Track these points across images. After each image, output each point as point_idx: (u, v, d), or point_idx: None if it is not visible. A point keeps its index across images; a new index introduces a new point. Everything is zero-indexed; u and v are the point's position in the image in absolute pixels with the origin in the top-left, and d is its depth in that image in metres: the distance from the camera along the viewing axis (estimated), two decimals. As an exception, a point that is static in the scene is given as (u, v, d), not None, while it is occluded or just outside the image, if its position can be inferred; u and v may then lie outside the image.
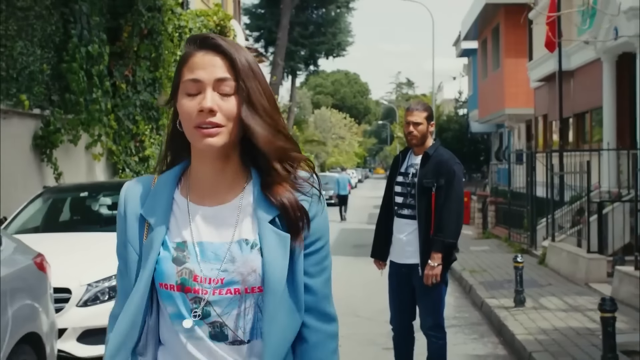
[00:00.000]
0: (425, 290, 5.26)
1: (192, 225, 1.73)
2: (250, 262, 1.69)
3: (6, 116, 9.16)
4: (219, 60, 1.67)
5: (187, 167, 1.80)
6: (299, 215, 1.73)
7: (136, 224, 1.76)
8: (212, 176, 1.74)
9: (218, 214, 1.74)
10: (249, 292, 1.69)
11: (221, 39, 1.70)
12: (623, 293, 8.73)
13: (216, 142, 1.64)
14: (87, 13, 10.70)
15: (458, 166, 5.39)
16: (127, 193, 1.80)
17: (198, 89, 1.65)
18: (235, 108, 1.65)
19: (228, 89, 1.66)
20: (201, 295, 1.67)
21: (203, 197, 1.76)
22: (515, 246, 14.99)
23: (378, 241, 5.64)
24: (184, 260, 1.70)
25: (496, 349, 7.36)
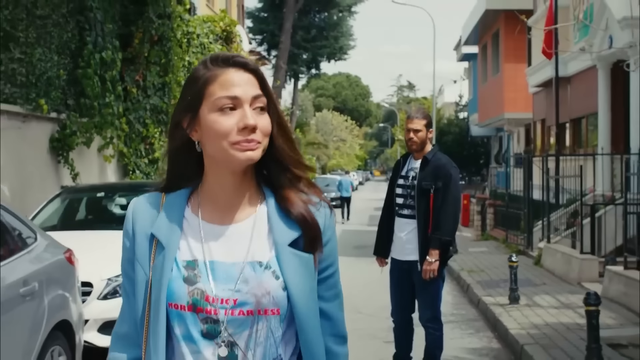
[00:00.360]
0: (424, 285, 5.70)
1: (203, 244, 1.71)
2: (265, 283, 1.67)
3: (25, 120, 9.60)
4: (252, 78, 1.68)
5: (196, 187, 1.78)
6: (317, 232, 1.73)
7: (145, 242, 1.73)
8: (228, 194, 1.73)
9: (231, 233, 1.73)
10: (262, 314, 1.67)
11: (245, 58, 1.71)
12: (613, 291, 9.17)
13: (255, 156, 1.65)
14: (101, 21, 11.16)
15: (454, 170, 5.83)
16: (135, 210, 1.78)
17: (235, 106, 1.65)
18: (269, 124, 1.68)
19: (262, 105, 1.68)
20: (213, 316, 1.65)
21: (215, 216, 1.74)
22: (512, 247, 15.41)
23: (380, 240, 6.08)
24: (195, 280, 1.67)
25: (491, 342, 7.79)
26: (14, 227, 4.88)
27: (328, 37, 42.28)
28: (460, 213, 6.11)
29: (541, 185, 14.43)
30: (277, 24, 38.90)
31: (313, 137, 53.04)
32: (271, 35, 40.64)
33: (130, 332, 1.75)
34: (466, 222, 22.17)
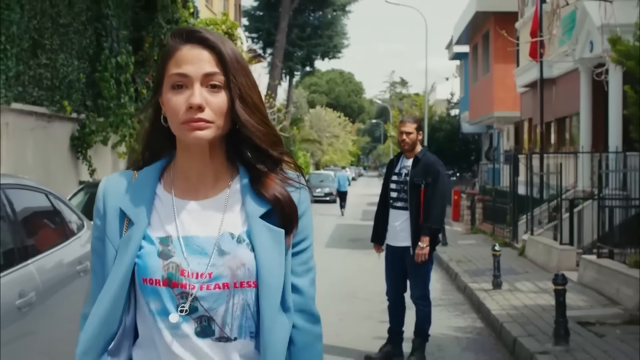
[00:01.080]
0: (415, 267, 6.58)
1: (177, 220, 1.69)
2: (240, 256, 1.65)
3: (50, 120, 10.44)
4: (207, 54, 1.63)
5: (169, 162, 1.76)
6: (292, 210, 1.72)
7: (116, 219, 1.70)
8: (198, 170, 1.71)
9: (204, 208, 1.71)
10: (238, 286, 1.65)
11: (208, 33, 1.67)
12: (587, 278, 10.08)
13: (205, 135, 1.62)
14: (116, 27, 12.00)
15: (442, 167, 6.75)
16: (107, 187, 1.75)
17: (185, 84, 1.62)
18: (224, 103, 1.63)
19: (217, 83, 1.63)
20: (188, 290, 1.63)
21: (188, 192, 1.72)
22: (499, 240, 16.30)
23: (377, 229, 6.96)
24: (170, 254, 1.65)
25: (475, 322, 8.69)
26: (68, 214, 5.72)
27: (322, 35, 43.22)
28: (446, 205, 7.02)
29: (527, 181, 15.33)
30: (273, 23, 39.75)
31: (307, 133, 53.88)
32: (267, 34, 41.50)
33: None
34: (457, 217, 23.04)
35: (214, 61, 1.63)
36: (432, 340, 7.01)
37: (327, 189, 36.51)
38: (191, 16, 16.14)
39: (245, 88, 1.66)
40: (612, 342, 6.80)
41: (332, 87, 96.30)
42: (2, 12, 8.85)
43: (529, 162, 15.11)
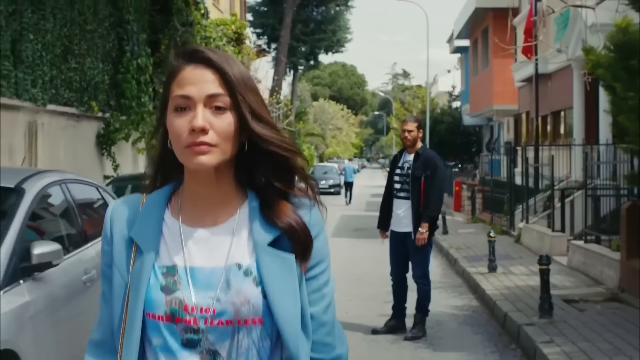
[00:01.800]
0: (416, 250, 7.45)
1: (184, 249, 1.62)
2: (244, 292, 1.58)
3: (79, 119, 11.31)
4: (210, 75, 1.57)
5: (178, 187, 1.70)
6: (307, 236, 1.64)
7: (124, 246, 1.66)
8: (206, 196, 1.64)
9: (211, 236, 1.64)
10: (242, 324, 1.58)
11: (212, 52, 1.60)
12: (575, 262, 10.94)
13: (208, 161, 1.55)
14: (136, 32, 12.85)
15: (440, 162, 7.65)
16: (114, 213, 1.70)
17: (188, 106, 1.56)
18: (230, 125, 1.57)
19: (221, 104, 1.57)
20: (192, 326, 1.57)
21: (196, 218, 1.65)
22: (496, 228, 17.13)
23: (382, 216, 7.84)
24: (173, 287, 1.59)
25: (471, 301, 9.56)
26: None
27: (326, 30, 43.99)
28: (444, 195, 7.91)
29: (522, 172, 16.17)
30: (277, 18, 40.51)
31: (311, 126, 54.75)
32: (271, 29, 42.25)
33: (106, 339, 1.68)
34: (458, 207, 23.88)
35: (218, 82, 1.57)
36: (432, 317, 7.88)
37: (331, 180, 37.47)
38: (202, 17, 16.98)
39: (255, 105, 1.59)
40: (591, 316, 7.66)
41: (335, 80, 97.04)
42: (39, 22, 9.70)
43: (524, 154, 15.95)
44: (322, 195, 16.74)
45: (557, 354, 6.13)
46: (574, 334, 6.81)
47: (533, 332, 6.87)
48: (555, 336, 6.72)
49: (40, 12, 9.74)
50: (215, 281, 1.59)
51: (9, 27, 9.00)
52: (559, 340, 6.59)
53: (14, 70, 9.14)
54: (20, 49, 9.28)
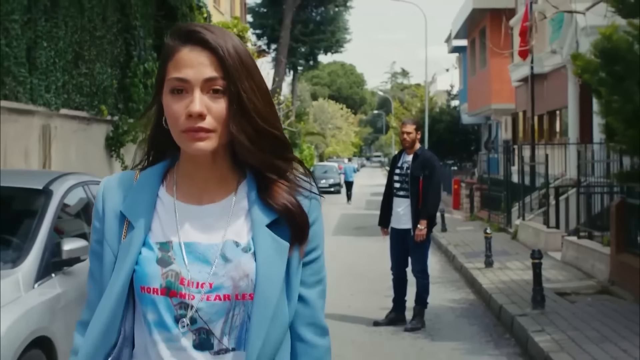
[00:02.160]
0: (415, 246, 7.86)
1: (178, 225, 1.60)
2: (243, 265, 1.57)
3: (89, 123, 11.73)
4: (207, 57, 1.54)
5: (173, 164, 1.67)
6: (303, 220, 1.63)
7: (115, 221, 1.63)
8: (203, 175, 1.63)
9: (207, 213, 1.62)
10: (240, 298, 1.57)
11: (208, 31, 1.56)
12: (568, 257, 11.35)
13: (205, 146, 1.54)
14: (143, 37, 13.26)
15: (437, 162, 8.08)
16: (106, 188, 1.67)
17: (185, 89, 1.53)
18: (225, 109, 1.54)
19: (218, 88, 1.54)
20: (187, 301, 1.55)
21: (191, 196, 1.63)
22: (494, 226, 17.55)
23: (383, 214, 8.25)
24: (169, 261, 1.57)
25: (468, 295, 9.96)
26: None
27: (325, 31, 44.40)
28: (441, 193, 8.33)
29: (518, 170, 16.58)
30: (277, 19, 40.90)
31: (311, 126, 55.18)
32: (271, 30, 42.63)
33: None
34: (457, 205, 24.28)
35: (216, 64, 1.53)
36: (430, 310, 8.29)
37: (331, 180, 37.95)
38: (205, 21, 17.37)
39: (247, 94, 1.55)
40: (581, 307, 8.08)
41: (334, 79, 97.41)
42: (52, 30, 10.11)
43: (519, 153, 16.36)
44: (323, 194, 17.45)
45: (547, 341, 6.54)
46: (564, 324, 7.22)
47: (526, 322, 7.28)
48: (547, 326, 7.13)
49: (53, 20, 10.15)
50: (212, 256, 1.57)
51: (25, 35, 9.40)
52: (550, 329, 7.00)
53: (29, 77, 9.55)
54: (35, 56, 9.69)
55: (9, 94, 9.01)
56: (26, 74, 9.46)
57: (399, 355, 6.97)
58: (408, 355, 6.96)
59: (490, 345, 7.26)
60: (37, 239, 4.86)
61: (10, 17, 8.98)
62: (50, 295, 4.70)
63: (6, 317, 4.18)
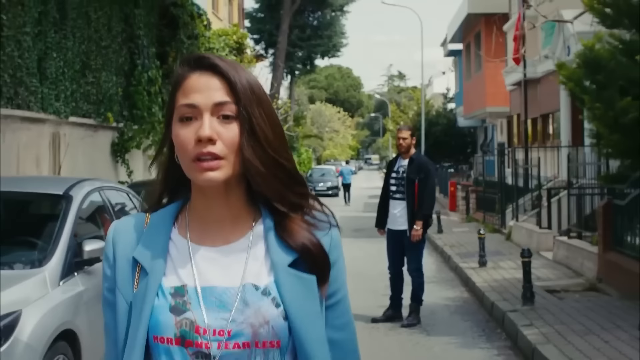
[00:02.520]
0: (411, 246, 8.27)
1: (194, 268, 1.50)
2: (264, 312, 1.46)
3: (96, 129, 12.15)
4: (217, 82, 1.47)
5: (185, 204, 1.58)
6: (324, 259, 1.53)
7: (127, 268, 1.53)
8: (216, 212, 1.53)
9: (223, 254, 1.52)
10: (260, 346, 1.45)
11: (218, 59, 1.51)
12: (559, 256, 11.77)
13: (217, 176, 1.45)
14: (146, 46, 13.69)
15: (432, 166, 8.53)
16: (117, 233, 1.57)
17: (194, 115, 1.46)
18: (237, 135, 1.46)
19: (229, 113, 1.46)
20: (204, 350, 1.44)
21: (205, 237, 1.54)
22: (489, 227, 17.97)
23: (380, 216, 8.66)
24: (184, 308, 1.46)
25: (462, 293, 10.38)
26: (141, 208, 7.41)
27: (322, 36, 44.94)
28: (435, 196, 8.76)
29: (512, 173, 17.02)
30: (274, 24, 41.41)
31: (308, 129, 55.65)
32: (268, 35, 43.15)
33: None
34: (453, 207, 24.67)
35: (225, 89, 1.47)
36: (426, 307, 8.70)
37: (329, 183, 38.42)
38: (205, 29, 17.80)
39: (257, 120, 1.48)
40: (569, 303, 8.50)
41: (331, 83, 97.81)
42: (61, 41, 10.53)
43: (513, 156, 16.79)
44: (321, 197, 18.31)
45: (535, 334, 6.95)
46: (551, 318, 7.64)
47: (516, 317, 7.70)
48: (535, 320, 7.55)
49: (62, 31, 10.58)
50: (230, 301, 1.47)
51: (36, 47, 9.83)
52: (538, 323, 7.41)
53: (40, 87, 9.98)
54: (45, 66, 10.12)
55: (21, 103, 9.43)
56: (37, 84, 9.88)
57: (396, 349, 7.38)
58: (404, 349, 7.37)
59: (482, 339, 7.68)
60: (60, 240, 5.28)
61: (23, 29, 9.40)
62: (73, 292, 5.11)
63: (36, 312, 4.60)
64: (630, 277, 8.69)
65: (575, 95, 7.89)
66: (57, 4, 10.46)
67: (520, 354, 6.97)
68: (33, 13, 9.71)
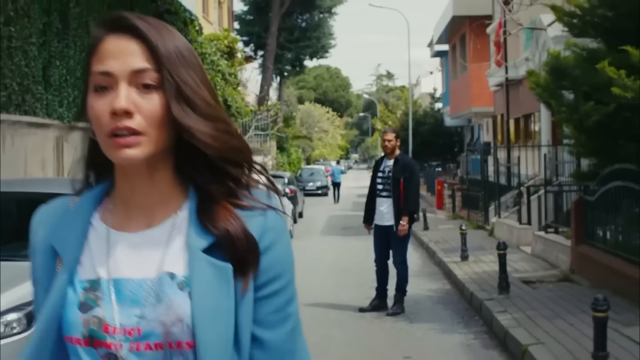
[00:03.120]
0: (397, 240, 8.92)
1: (109, 258, 1.33)
2: (176, 307, 1.28)
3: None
4: (136, 46, 1.28)
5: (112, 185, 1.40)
6: (247, 245, 1.32)
7: (47, 257, 1.37)
8: (139, 196, 1.36)
9: (143, 241, 1.34)
10: (175, 347, 1.28)
11: (140, 19, 1.30)
12: (537, 250, 12.45)
13: (135, 154, 1.26)
14: (143, 52, 14.27)
15: (416, 165, 9.25)
16: (39, 219, 1.42)
17: (109, 85, 1.26)
18: (159, 106, 1.27)
19: (149, 82, 1.27)
20: (114, 352, 1.28)
21: (127, 221, 1.37)
22: (473, 224, 18.66)
23: (367, 212, 9.31)
24: (93, 304, 1.30)
25: (445, 285, 11.04)
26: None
27: (310, 37, 45.61)
28: (419, 193, 9.45)
29: (494, 171, 17.70)
30: (263, 26, 42.03)
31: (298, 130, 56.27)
32: (257, 37, 43.75)
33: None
34: (440, 205, 25.34)
35: (146, 54, 1.28)
36: (410, 298, 9.35)
37: (318, 182, 39.07)
38: (197, 34, 18.41)
39: (189, 85, 1.29)
40: (542, 292, 9.16)
41: (320, 83, 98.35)
42: (64, 50, 11.13)
43: (495, 155, 17.47)
44: (310, 196, 19.43)
45: (508, 319, 7.61)
46: (524, 305, 8.30)
47: (492, 305, 8.35)
48: (509, 307, 8.21)
49: (64, 41, 11.17)
50: (142, 295, 1.30)
51: (41, 55, 10.42)
52: (511, 310, 8.07)
53: (45, 94, 10.56)
54: (49, 74, 10.71)
55: (28, 109, 10.02)
56: (42, 91, 10.47)
57: (381, 336, 8.02)
58: (389, 335, 8.01)
59: (460, 326, 8.33)
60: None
61: (29, 40, 10.00)
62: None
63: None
64: (599, 268, 9.37)
65: (543, 100, 8.53)
66: (60, 14, 11.05)
67: (495, 337, 7.62)
68: (38, 24, 10.29)
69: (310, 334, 7.99)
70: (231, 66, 20.31)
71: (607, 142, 7.93)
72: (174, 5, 15.94)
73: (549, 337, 6.81)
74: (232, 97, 20.90)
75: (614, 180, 8.85)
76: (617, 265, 8.78)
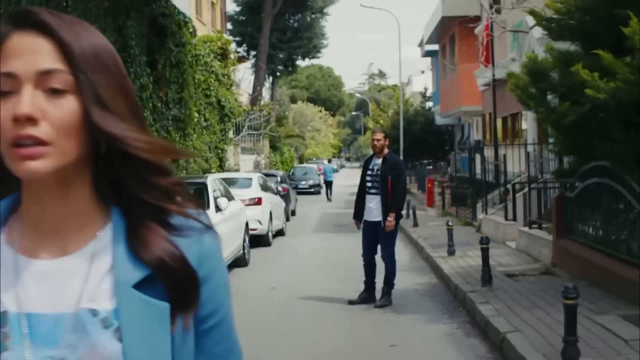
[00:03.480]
0: (385, 235, 9.33)
1: (18, 288, 1.14)
2: (100, 348, 1.11)
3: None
4: (46, 45, 1.11)
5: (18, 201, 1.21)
6: (186, 276, 1.17)
7: None
8: (51, 217, 1.17)
9: (58, 270, 1.16)
10: None
11: (50, 14, 1.14)
12: (521, 245, 12.88)
13: (41, 167, 1.09)
14: (138, 55, 14.60)
15: (403, 164, 9.67)
16: None
17: (13, 88, 1.10)
18: (71, 114, 1.10)
19: (59, 86, 1.10)
20: None
21: (38, 246, 1.17)
22: (461, 220, 19.10)
23: (357, 209, 9.72)
24: (0, 346, 1.11)
25: (432, 279, 11.45)
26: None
27: (303, 37, 46.00)
28: (407, 191, 9.87)
29: (482, 169, 18.13)
30: (255, 27, 42.40)
31: (290, 129, 56.68)
32: (250, 37, 44.11)
33: None
34: (430, 203, 25.79)
35: (57, 54, 1.11)
36: (397, 291, 9.76)
37: (311, 181, 39.50)
38: (191, 36, 18.76)
39: (106, 92, 1.12)
40: (523, 285, 9.58)
41: (312, 82, 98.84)
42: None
43: (482, 153, 17.91)
44: (303, 195, 20.13)
45: (489, 310, 8.02)
46: (505, 297, 8.72)
47: (474, 297, 8.76)
48: (491, 299, 8.62)
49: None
50: (58, 334, 1.13)
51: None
52: (493, 301, 8.49)
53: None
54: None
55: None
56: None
57: (369, 326, 8.42)
58: (376, 326, 8.41)
59: (445, 317, 8.74)
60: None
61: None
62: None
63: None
64: (579, 261, 9.79)
65: (521, 101, 8.94)
66: (58, 19, 11.39)
67: (476, 326, 8.04)
68: (38, 29, 10.63)
69: (304, 326, 8.44)
70: (224, 67, 20.72)
71: (583, 141, 8.35)
72: (168, 8, 16.30)
73: (527, 325, 7.22)
74: (225, 97, 21.30)
75: (591, 177, 9.27)
76: (595, 258, 9.20)
